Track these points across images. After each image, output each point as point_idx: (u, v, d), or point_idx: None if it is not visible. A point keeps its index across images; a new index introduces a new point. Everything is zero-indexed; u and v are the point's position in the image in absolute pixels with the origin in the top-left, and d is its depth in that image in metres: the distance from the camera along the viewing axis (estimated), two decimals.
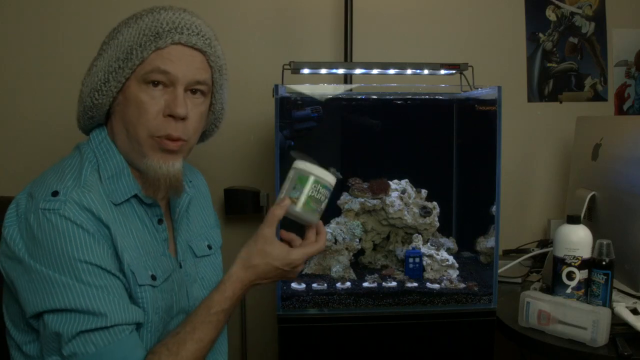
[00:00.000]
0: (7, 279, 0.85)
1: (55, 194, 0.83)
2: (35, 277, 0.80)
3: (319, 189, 0.96)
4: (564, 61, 1.94)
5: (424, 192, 1.53)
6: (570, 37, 1.94)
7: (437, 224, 1.50)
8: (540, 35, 1.92)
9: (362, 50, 1.80)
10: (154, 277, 0.90)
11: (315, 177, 0.96)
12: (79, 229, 0.82)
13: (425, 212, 1.49)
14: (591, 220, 1.54)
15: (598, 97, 1.97)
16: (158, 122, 0.89)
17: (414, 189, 1.53)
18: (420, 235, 1.48)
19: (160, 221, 0.96)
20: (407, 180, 1.54)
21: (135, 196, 0.92)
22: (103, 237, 0.84)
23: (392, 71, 1.51)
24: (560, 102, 1.95)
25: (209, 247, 1.08)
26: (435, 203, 1.51)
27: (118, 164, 0.92)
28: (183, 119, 0.89)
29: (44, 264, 0.80)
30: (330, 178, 0.98)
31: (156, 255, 0.93)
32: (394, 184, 1.51)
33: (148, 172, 0.90)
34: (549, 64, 1.93)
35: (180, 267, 0.99)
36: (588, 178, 1.63)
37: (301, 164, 0.97)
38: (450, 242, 1.54)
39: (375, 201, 1.48)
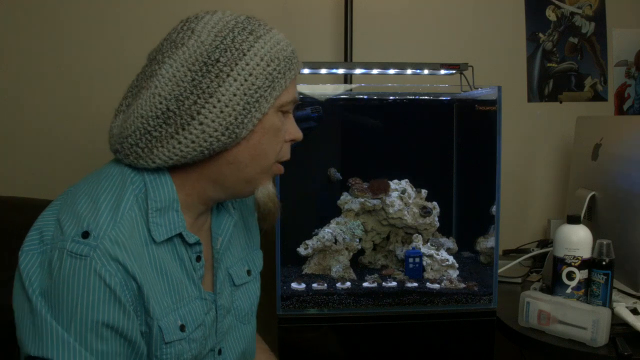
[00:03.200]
0: (13, 304, 0.78)
1: (85, 235, 0.73)
2: (39, 322, 0.73)
3: None
4: (564, 61, 1.94)
5: (424, 192, 1.53)
6: (570, 37, 1.94)
7: (437, 224, 1.50)
8: (540, 35, 1.92)
9: (362, 50, 1.80)
10: (182, 328, 0.81)
11: None
12: (102, 284, 0.73)
13: (425, 212, 1.49)
14: (591, 220, 1.54)
15: (598, 97, 1.97)
16: (284, 148, 0.86)
17: (414, 189, 1.53)
18: (420, 235, 1.48)
19: (198, 258, 0.85)
20: (407, 180, 1.54)
21: (179, 234, 0.82)
22: (128, 293, 0.75)
23: (392, 71, 1.51)
24: (560, 102, 1.95)
25: (249, 272, 0.98)
26: (435, 203, 1.51)
27: (169, 196, 0.81)
28: None
29: (52, 313, 0.72)
30: None
31: (190, 299, 0.84)
32: (394, 184, 1.51)
33: (261, 201, 0.85)
34: (549, 64, 1.93)
35: (215, 302, 0.89)
36: (588, 178, 1.63)
37: None
38: (450, 242, 1.54)
39: (375, 201, 1.48)
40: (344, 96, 1.56)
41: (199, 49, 0.77)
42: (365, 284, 1.40)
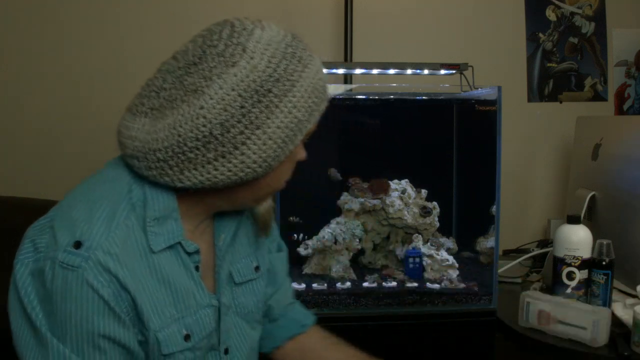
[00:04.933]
0: (9, 313, 0.76)
1: (77, 245, 0.71)
2: (37, 334, 0.72)
3: None
4: (564, 61, 1.94)
5: (424, 192, 1.53)
6: (570, 37, 1.94)
7: (437, 224, 1.50)
8: (540, 35, 1.92)
9: (362, 50, 1.80)
10: (187, 338, 0.79)
11: None
12: (95, 295, 0.71)
13: (425, 212, 1.49)
14: (591, 220, 1.54)
15: (598, 97, 1.97)
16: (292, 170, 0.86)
17: (414, 189, 1.53)
18: (420, 235, 1.48)
19: (197, 268, 0.82)
20: (407, 180, 1.54)
21: (179, 243, 0.80)
22: (122, 304, 0.73)
23: (392, 71, 1.51)
24: (560, 102, 1.95)
25: (257, 268, 0.94)
26: (435, 203, 1.51)
27: (168, 205, 0.78)
28: None
29: (49, 325, 0.71)
30: None
31: (199, 307, 0.82)
32: (394, 184, 1.51)
33: (260, 214, 0.88)
34: (549, 64, 1.93)
35: (219, 300, 0.87)
36: (588, 178, 1.62)
37: None
38: (450, 242, 1.53)
39: (375, 201, 1.48)
40: (344, 96, 1.56)
41: (251, 74, 0.72)
42: (365, 284, 1.40)
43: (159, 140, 0.73)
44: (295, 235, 1.45)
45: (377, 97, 1.55)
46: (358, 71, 1.56)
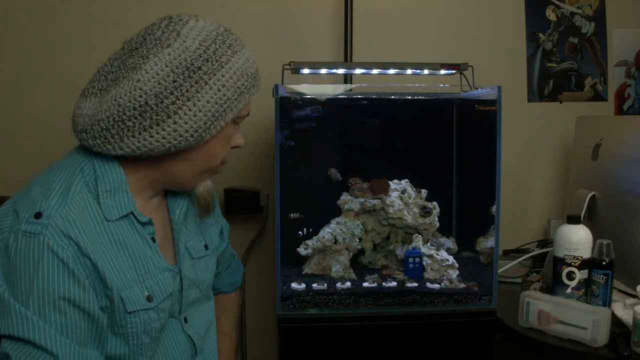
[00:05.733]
0: None
1: (38, 215, 0.79)
2: (1, 304, 0.78)
3: None
4: (564, 61, 1.94)
5: (424, 192, 1.53)
6: (570, 37, 1.94)
7: (437, 224, 1.50)
8: (540, 35, 1.92)
9: (362, 50, 1.80)
10: (150, 298, 0.87)
11: None
12: (55, 259, 0.78)
13: (425, 212, 1.49)
14: (591, 220, 1.54)
15: (598, 97, 1.97)
16: (228, 153, 0.95)
17: (414, 189, 1.53)
18: (420, 235, 1.48)
19: (153, 239, 0.92)
20: (407, 180, 1.54)
21: (131, 213, 0.88)
22: (82, 268, 0.80)
23: (392, 71, 1.51)
24: (560, 102, 1.95)
25: (206, 247, 1.06)
26: (435, 203, 1.51)
27: (117, 178, 0.87)
28: None
29: (11, 292, 0.77)
30: None
31: (158, 271, 0.90)
32: (394, 184, 1.51)
33: (200, 195, 0.95)
34: (549, 64, 1.93)
35: (180, 272, 0.96)
36: (588, 178, 1.63)
37: None
38: (450, 242, 1.53)
39: (375, 201, 1.48)
40: (344, 96, 1.56)
41: (183, 53, 0.83)
42: (365, 284, 1.40)
43: (102, 111, 0.84)
44: (300, 232, 1.46)
45: (377, 97, 1.55)
46: (358, 71, 1.56)
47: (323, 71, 1.52)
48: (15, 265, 0.77)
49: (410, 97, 1.53)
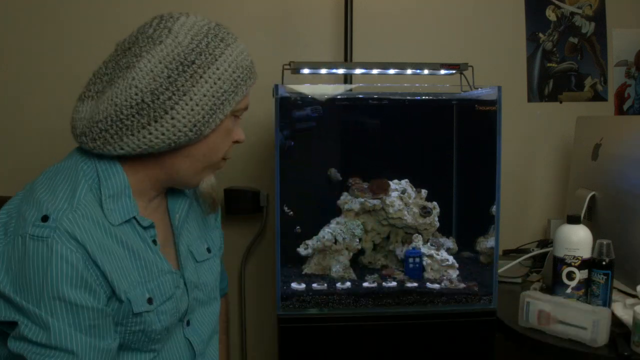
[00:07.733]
0: None
1: (45, 218, 0.79)
2: (12, 306, 0.78)
3: None
4: (564, 61, 1.94)
5: (424, 192, 1.53)
6: (570, 37, 1.94)
7: (437, 224, 1.50)
8: (540, 35, 1.92)
9: (362, 50, 1.80)
10: (150, 301, 0.87)
11: None
12: (64, 263, 0.78)
13: (425, 212, 1.49)
14: (591, 220, 1.54)
15: (598, 97, 1.97)
16: (230, 148, 0.95)
17: (414, 189, 1.53)
18: (420, 235, 1.48)
19: (154, 242, 0.92)
20: (407, 180, 1.54)
21: (134, 218, 0.89)
22: (90, 270, 0.80)
23: (392, 71, 1.51)
24: (560, 102, 1.95)
25: (208, 250, 1.05)
26: (435, 203, 1.51)
27: (120, 183, 0.87)
28: None
29: (23, 296, 0.77)
30: None
31: (160, 274, 0.90)
32: (394, 184, 1.51)
33: (204, 191, 0.95)
34: (549, 64, 1.93)
35: (183, 276, 0.96)
36: (588, 178, 1.63)
37: None
38: (450, 242, 1.54)
39: (375, 201, 1.48)
40: (344, 96, 1.56)
41: (176, 48, 0.83)
42: (365, 284, 1.40)
43: (100, 113, 0.84)
44: (298, 227, 1.45)
45: (377, 97, 1.55)
46: (358, 71, 1.56)
47: (323, 71, 1.52)
48: (24, 268, 0.77)
49: (410, 97, 1.53)
